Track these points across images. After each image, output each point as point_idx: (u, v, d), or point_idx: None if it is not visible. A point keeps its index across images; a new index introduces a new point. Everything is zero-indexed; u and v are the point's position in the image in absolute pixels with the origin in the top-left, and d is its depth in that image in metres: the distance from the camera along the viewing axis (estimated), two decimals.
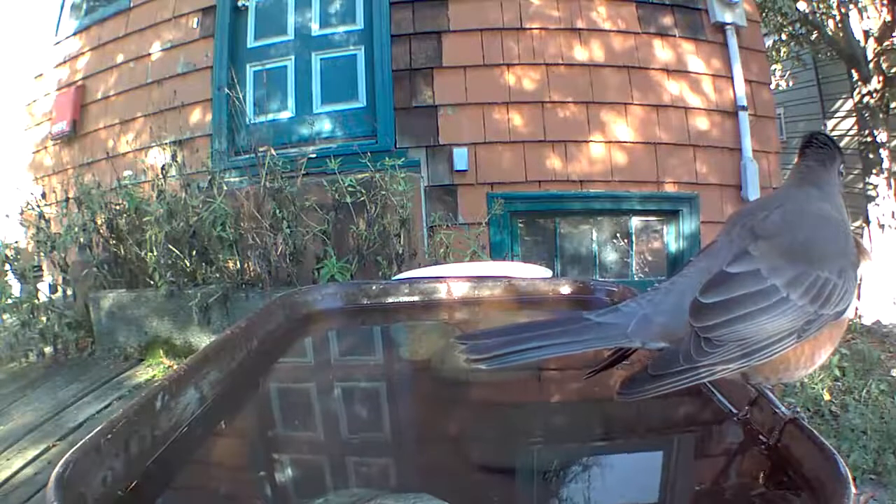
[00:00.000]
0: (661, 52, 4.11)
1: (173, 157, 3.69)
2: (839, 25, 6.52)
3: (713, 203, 4.07)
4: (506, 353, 0.68)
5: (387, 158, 3.40)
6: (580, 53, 4.06)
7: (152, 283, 3.30)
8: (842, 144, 8.70)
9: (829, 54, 7.39)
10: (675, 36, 4.14)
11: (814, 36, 7.10)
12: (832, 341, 0.74)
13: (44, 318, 3.47)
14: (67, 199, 3.77)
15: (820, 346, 0.73)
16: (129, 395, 2.92)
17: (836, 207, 0.79)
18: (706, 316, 0.68)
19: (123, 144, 4.45)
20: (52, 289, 3.59)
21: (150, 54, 4.47)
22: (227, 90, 3.83)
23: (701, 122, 4.10)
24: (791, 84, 9.65)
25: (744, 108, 4.09)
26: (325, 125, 4.19)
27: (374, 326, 1.39)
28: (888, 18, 6.08)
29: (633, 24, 4.11)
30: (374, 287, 1.39)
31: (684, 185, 4.06)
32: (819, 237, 0.74)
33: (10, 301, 3.42)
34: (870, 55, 6.26)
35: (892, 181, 6.37)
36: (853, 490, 0.56)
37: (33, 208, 3.66)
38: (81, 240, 3.47)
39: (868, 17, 6.27)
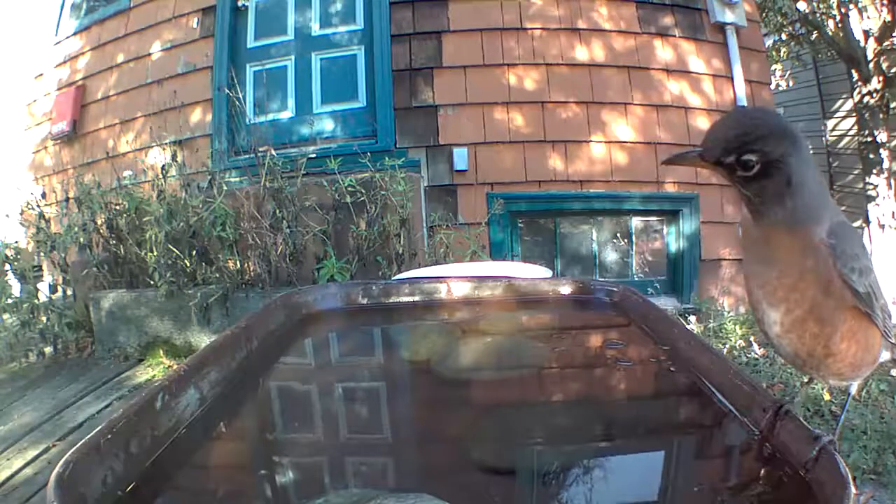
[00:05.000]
0: (662, 52, 4.12)
1: (173, 157, 3.69)
2: (839, 25, 6.51)
3: (713, 203, 4.07)
4: None
5: (387, 158, 3.40)
6: (580, 53, 4.06)
7: (152, 283, 3.30)
8: (842, 144, 8.70)
9: (829, 54, 7.39)
10: (675, 36, 4.14)
11: (814, 36, 7.09)
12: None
13: (44, 318, 3.47)
14: (67, 199, 3.77)
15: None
16: (129, 395, 2.92)
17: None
18: None
19: (123, 144, 4.45)
20: (52, 289, 3.59)
21: (150, 54, 4.47)
22: (227, 90, 3.83)
23: (701, 122, 4.09)
24: (791, 84, 9.64)
25: None
26: (326, 125, 4.20)
27: (375, 326, 1.39)
28: (888, 18, 6.08)
29: (633, 25, 4.11)
30: (374, 287, 1.39)
31: (685, 185, 4.06)
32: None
33: (10, 301, 3.42)
34: (870, 55, 6.25)
35: (892, 181, 6.36)
36: (853, 490, 0.56)
37: (33, 208, 3.66)
38: (81, 240, 3.47)
39: (868, 17, 6.27)
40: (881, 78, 6.25)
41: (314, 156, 3.55)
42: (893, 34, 6.15)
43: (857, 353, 0.73)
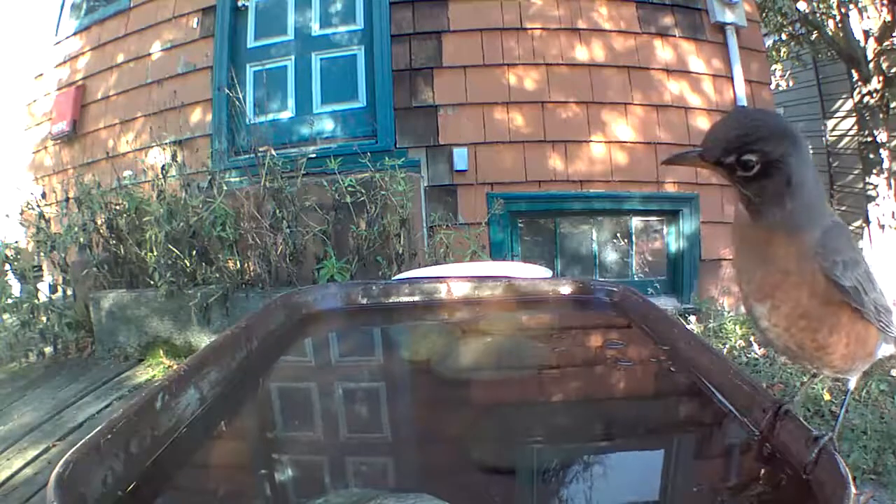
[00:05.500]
0: (662, 52, 4.12)
1: (173, 157, 3.69)
2: (839, 25, 6.51)
3: (714, 203, 4.07)
4: None
5: (387, 158, 3.40)
6: (580, 53, 4.06)
7: (152, 283, 3.30)
8: (842, 144, 8.67)
9: (829, 54, 7.38)
10: (675, 36, 4.14)
11: (814, 36, 7.09)
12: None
13: (44, 318, 3.47)
14: (67, 199, 3.77)
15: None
16: (129, 395, 2.92)
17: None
18: None
19: (123, 144, 4.45)
20: (52, 289, 3.59)
21: (150, 54, 4.47)
22: (227, 90, 3.83)
23: (701, 122, 4.09)
24: (791, 84, 9.65)
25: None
26: (326, 125, 4.20)
27: (375, 326, 1.39)
28: (888, 18, 6.07)
29: (633, 25, 4.11)
30: (374, 287, 1.39)
31: (685, 185, 4.06)
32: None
33: (10, 301, 3.42)
34: (870, 55, 6.25)
35: (892, 181, 6.36)
36: (853, 490, 0.56)
37: (33, 208, 3.66)
38: (81, 240, 3.47)
39: (868, 17, 6.26)
40: (881, 78, 6.24)
41: (314, 156, 3.55)
42: (893, 34, 6.15)
43: (849, 346, 0.73)
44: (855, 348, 0.74)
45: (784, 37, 7.73)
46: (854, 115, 7.13)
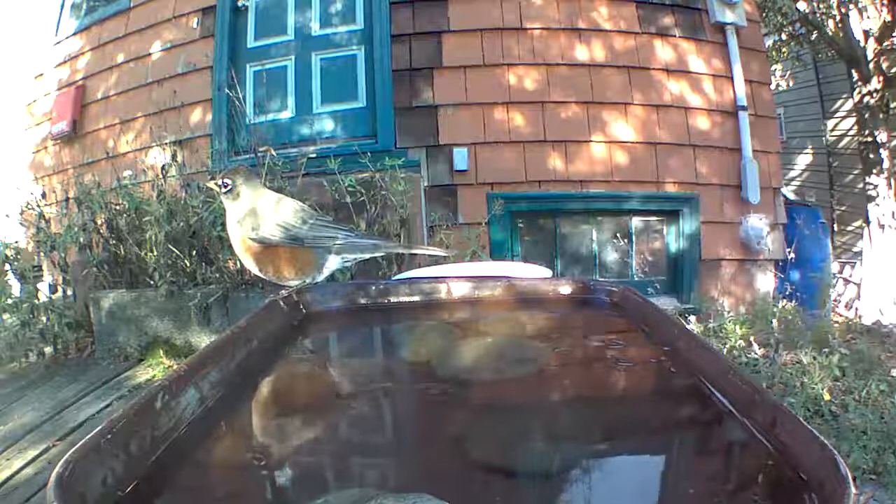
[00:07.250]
0: (662, 52, 4.12)
1: (173, 157, 3.69)
2: (839, 25, 6.51)
3: (713, 203, 4.08)
4: None
5: (387, 158, 3.40)
6: (581, 53, 4.06)
7: (152, 283, 3.30)
8: (842, 144, 8.69)
9: (829, 54, 7.39)
10: (675, 36, 4.14)
11: (814, 36, 7.10)
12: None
13: (44, 318, 3.47)
14: (67, 199, 3.77)
15: None
16: (129, 395, 2.92)
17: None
18: None
19: (123, 144, 4.45)
20: (52, 289, 3.59)
21: (150, 54, 4.47)
22: (227, 90, 3.83)
23: (701, 122, 4.10)
24: (791, 84, 9.66)
25: (744, 108, 4.09)
26: (326, 125, 4.20)
27: (374, 326, 1.39)
28: (888, 18, 6.07)
29: (633, 24, 4.11)
30: (373, 287, 1.39)
31: (685, 185, 4.06)
32: None
33: (10, 301, 3.42)
34: (870, 55, 6.25)
35: (892, 181, 6.36)
36: (853, 490, 0.56)
37: (33, 208, 3.66)
38: (81, 240, 3.47)
39: (868, 17, 6.26)
40: (881, 78, 6.25)
41: (314, 156, 3.56)
42: (893, 34, 6.15)
43: None
44: None
45: (784, 37, 7.73)
46: (854, 115, 7.13)
